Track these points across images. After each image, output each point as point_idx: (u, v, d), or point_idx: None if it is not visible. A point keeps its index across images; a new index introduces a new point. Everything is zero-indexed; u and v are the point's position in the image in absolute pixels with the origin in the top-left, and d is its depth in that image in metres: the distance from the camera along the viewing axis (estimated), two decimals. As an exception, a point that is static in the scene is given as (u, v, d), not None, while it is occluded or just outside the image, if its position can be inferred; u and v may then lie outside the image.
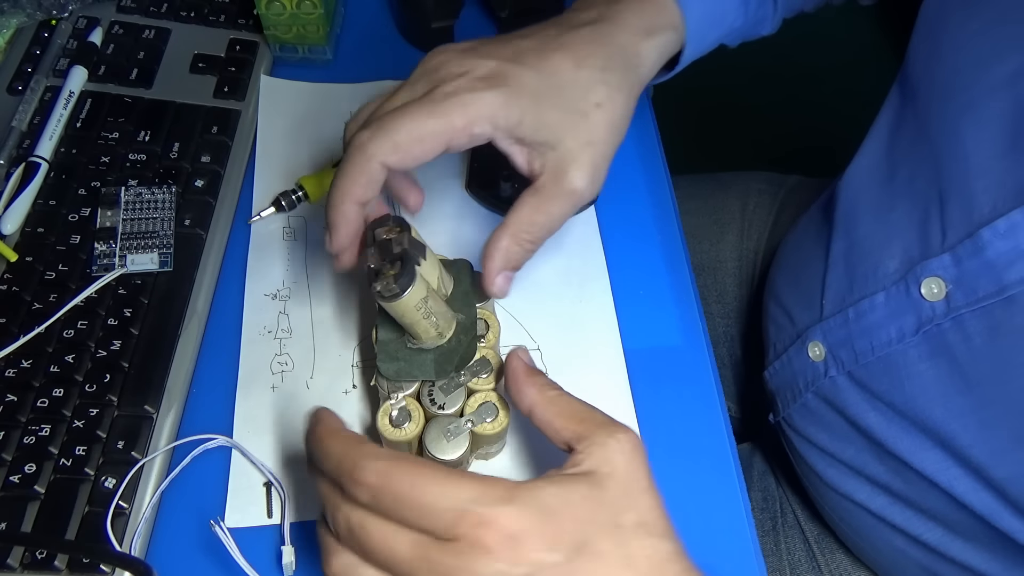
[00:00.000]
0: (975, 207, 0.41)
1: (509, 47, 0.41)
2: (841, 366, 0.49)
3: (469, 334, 0.42)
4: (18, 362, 0.47)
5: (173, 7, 0.63)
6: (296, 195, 0.55)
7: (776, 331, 0.57)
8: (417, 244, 0.39)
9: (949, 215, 0.42)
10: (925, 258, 0.43)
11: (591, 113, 0.40)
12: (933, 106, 0.44)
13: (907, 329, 0.44)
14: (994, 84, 0.40)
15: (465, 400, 0.43)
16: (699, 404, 0.50)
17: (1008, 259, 0.39)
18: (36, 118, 0.56)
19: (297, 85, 0.61)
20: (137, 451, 0.45)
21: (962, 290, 0.41)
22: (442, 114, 0.37)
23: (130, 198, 0.53)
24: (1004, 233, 0.39)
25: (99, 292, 0.50)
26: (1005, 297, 0.39)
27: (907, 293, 0.44)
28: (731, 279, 0.73)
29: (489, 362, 0.43)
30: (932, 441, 0.44)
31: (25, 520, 0.43)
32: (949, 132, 0.43)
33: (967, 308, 0.41)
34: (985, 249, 0.40)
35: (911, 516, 0.49)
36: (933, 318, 0.43)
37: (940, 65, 0.44)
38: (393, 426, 0.41)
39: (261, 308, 0.52)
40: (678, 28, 0.45)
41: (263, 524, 0.45)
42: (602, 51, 0.41)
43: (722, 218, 0.75)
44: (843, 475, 0.52)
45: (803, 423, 0.54)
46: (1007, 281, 0.39)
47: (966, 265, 0.41)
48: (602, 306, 0.53)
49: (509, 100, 0.38)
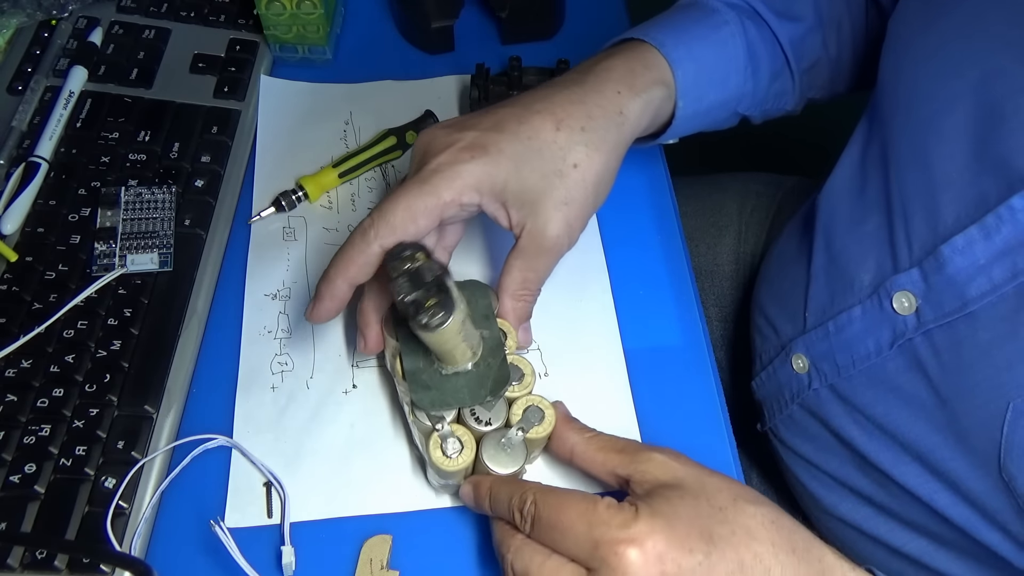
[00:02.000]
0: (939, 221, 0.41)
1: (490, 116, 0.42)
2: (824, 379, 0.49)
3: (498, 356, 0.42)
4: (18, 362, 0.47)
5: (173, 7, 0.63)
6: (296, 195, 0.55)
7: (762, 342, 0.57)
8: (447, 269, 0.39)
9: (915, 229, 0.42)
10: (895, 272, 0.43)
11: (568, 174, 0.42)
12: (897, 120, 0.45)
13: (883, 342, 0.44)
14: (953, 97, 0.40)
15: (508, 410, 0.43)
16: (699, 404, 0.50)
17: (967, 275, 0.39)
18: (36, 118, 0.56)
19: (297, 85, 0.61)
20: (137, 451, 0.45)
21: (930, 305, 0.41)
22: (431, 191, 0.40)
23: (130, 198, 0.53)
24: (962, 249, 0.39)
25: (99, 292, 0.50)
26: (967, 313, 0.39)
27: (880, 307, 0.44)
28: (728, 282, 0.73)
29: (519, 368, 0.43)
30: (911, 455, 0.44)
31: (25, 520, 0.43)
32: (914, 145, 0.43)
33: (935, 323, 0.41)
34: (946, 265, 0.40)
35: (894, 528, 0.49)
36: (906, 332, 0.43)
37: (902, 80, 0.45)
38: (447, 457, 0.41)
39: (261, 308, 0.52)
40: (668, 84, 0.46)
41: (263, 524, 0.45)
42: (582, 111, 0.43)
43: (720, 220, 0.75)
44: (827, 487, 0.52)
45: (789, 434, 0.54)
46: (968, 297, 0.39)
47: (932, 280, 0.41)
48: (602, 306, 0.53)
49: (490, 168, 0.40)
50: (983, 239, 0.38)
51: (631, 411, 0.49)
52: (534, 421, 0.42)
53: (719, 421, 0.49)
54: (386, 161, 0.58)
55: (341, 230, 0.55)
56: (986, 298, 0.38)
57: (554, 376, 0.50)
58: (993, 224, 0.38)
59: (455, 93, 0.62)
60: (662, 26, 0.48)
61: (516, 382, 0.43)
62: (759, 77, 0.51)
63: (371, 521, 0.45)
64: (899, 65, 0.45)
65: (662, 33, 0.47)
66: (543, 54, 0.63)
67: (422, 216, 0.40)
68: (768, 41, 0.51)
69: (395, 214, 0.40)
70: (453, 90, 0.62)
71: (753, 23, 0.50)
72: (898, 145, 0.44)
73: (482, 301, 0.43)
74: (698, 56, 0.47)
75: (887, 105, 0.46)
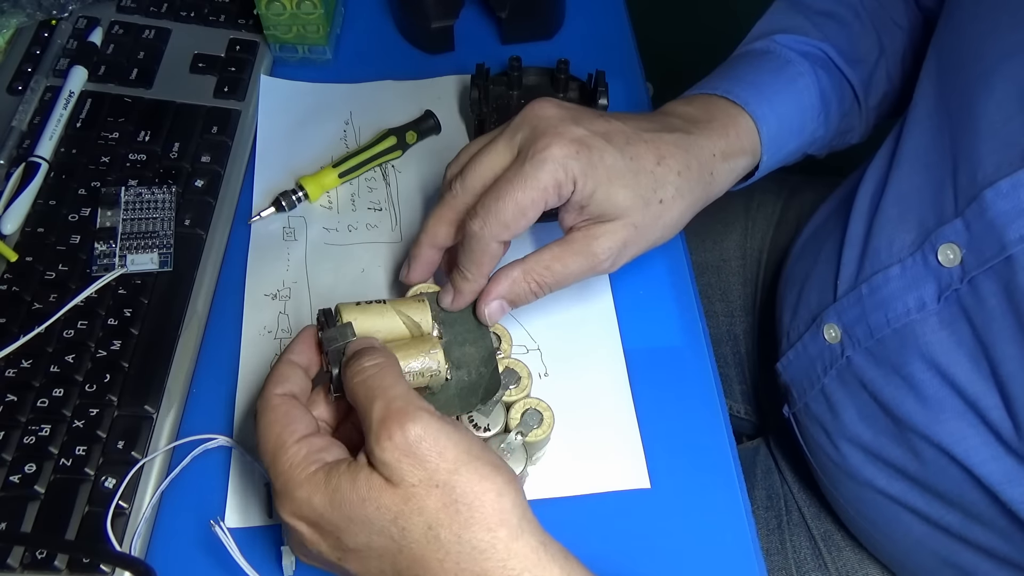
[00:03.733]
0: (980, 170, 0.41)
1: (600, 122, 0.43)
2: (857, 344, 0.49)
3: (489, 365, 0.42)
4: (18, 362, 0.47)
5: (173, 7, 0.63)
6: (296, 195, 0.55)
7: (791, 319, 0.57)
8: (338, 332, 0.39)
9: (960, 181, 0.43)
10: (940, 225, 0.44)
11: (652, 204, 0.43)
12: (949, 77, 0.45)
13: (927, 297, 0.45)
14: (1006, 51, 0.41)
15: (506, 414, 0.43)
16: (699, 404, 0.50)
17: (1008, 218, 0.39)
18: (36, 118, 0.56)
19: (297, 85, 0.61)
20: (137, 451, 0.45)
21: (973, 253, 0.42)
22: (535, 184, 0.40)
23: (130, 198, 0.53)
24: (1007, 193, 0.39)
25: (99, 292, 0.50)
26: (1005, 257, 0.40)
27: (925, 262, 0.45)
28: (735, 278, 0.73)
29: (515, 371, 0.43)
30: (950, 411, 0.44)
31: (25, 520, 0.43)
32: (964, 101, 0.43)
33: (978, 270, 0.41)
34: (988, 210, 0.40)
35: (930, 500, 0.49)
36: (951, 283, 0.43)
37: (957, 37, 0.45)
38: None
39: (261, 308, 0.52)
40: (755, 152, 0.48)
41: (263, 524, 0.45)
42: (683, 157, 0.44)
43: (726, 217, 0.75)
44: (862, 462, 0.52)
45: (820, 410, 0.54)
46: (1007, 240, 0.39)
47: (974, 228, 0.41)
48: (602, 306, 0.53)
49: (590, 171, 0.41)
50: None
51: (631, 411, 0.49)
52: (532, 424, 0.42)
53: (719, 421, 0.49)
54: (386, 161, 0.58)
55: (341, 230, 0.55)
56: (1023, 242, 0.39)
57: (554, 376, 0.50)
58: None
59: (455, 93, 0.62)
60: (744, 82, 0.49)
61: (513, 386, 0.43)
62: (830, 121, 0.53)
63: (371, 521, 0.45)
64: (954, 24, 0.46)
65: (746, 92, 0.48)
66: (543, 54, 0.63)
67: (531, 209, 0.41)
68: (838, 86, 0.53)
69: (505, 213, 0.40)
70: (453, 90, 0.62)
71: (825, 70, 0.52)
72: (950, 102, 0.45)
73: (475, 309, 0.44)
74: (779, 111, 0.49)
75: (942, 63, 0.47)
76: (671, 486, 0.47)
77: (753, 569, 0.45)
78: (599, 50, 0.64)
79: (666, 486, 0.47)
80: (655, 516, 0.46)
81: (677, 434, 0.48)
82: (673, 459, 0.48)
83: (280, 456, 0.35)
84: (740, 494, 0.47)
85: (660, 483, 0.47)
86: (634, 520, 0.46)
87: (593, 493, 0.46)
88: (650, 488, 0.47)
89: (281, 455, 0.35)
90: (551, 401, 0.43)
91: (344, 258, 0.54)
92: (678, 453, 0.48)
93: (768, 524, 0.63)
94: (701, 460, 0.48)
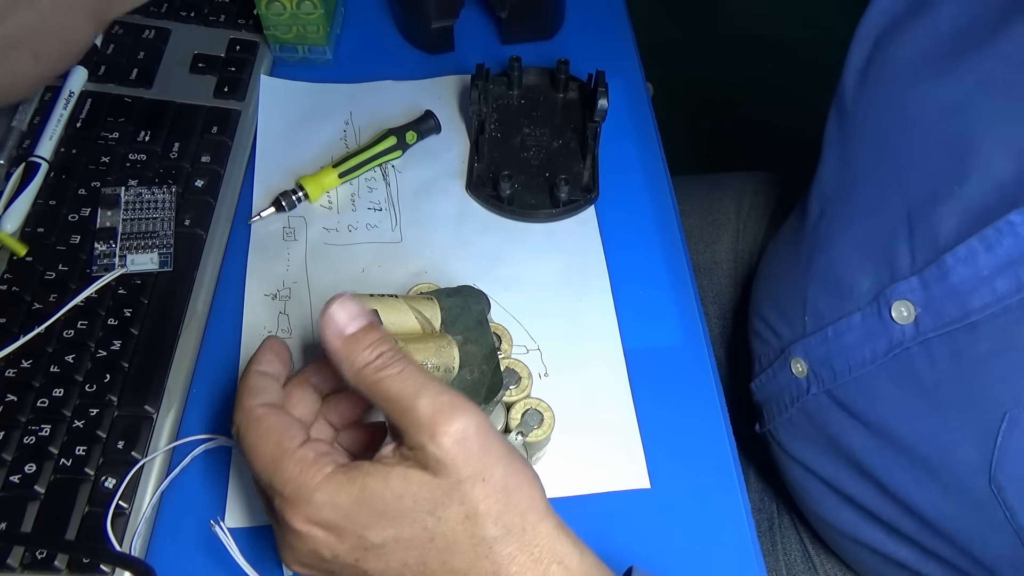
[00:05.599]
0: (940, 231, 0.41)
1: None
2: (822, 384, 0.49)
3: (491, 363, 0.42)
4: (18, 362, 0.47)
5: (173, 7, 0.63)
6: (296, 195, 0.55)
7: (761, 345, 0.57)
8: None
9: (917, 237, 0.42)
10: (894, 280, 0.43)
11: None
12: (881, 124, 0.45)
13: (879, 351, 0.44)
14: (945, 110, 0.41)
15: (507, 415, 0.42)
16: (699, 404, 0.50)
17: (971, 285, 0.39)
18: (36, 118, 0.56)
19: (297, 85, 0.61)
20: (137, 451, 0.45)
21: (930, 314, 0.41)
22: None
23: (130, 198, 0.53)
24: (964, 259, 0.39)
25: (99, 292, 0.50)
26: (969, 323, 0.39)
27: (879, 315, 0.44)
28: (727, 280, 0.73)
29: (515, 372, 0.43)
30: (908, 461, 0.44)
31: (25, 520, 0.43)
32: (909, 151, 0.43)
33: (934, 332, 0.41)
34: (949, 274, 0.40)
35: (886, 537, 0.49)
36: (903, 341, 0.43)
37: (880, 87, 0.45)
38: None
39: (261, 308, 0.52)
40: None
41: (263, 524, 0.45)
42: None
43: (718, 219, 0.75)
44: (823, 492, 0.53)
45: (787, 437, 0.54)
46: (971, 307, 0.39)
47: (933, 289, 0.41)
48: (602, 306, 0.53)
49: None
50: (985, 251, 0.38)
51: (631, 411, 0.49)
52: (533, 424, 0.42)
53: (719, 421, 0.49)
54: (386, 161, 0.58)
55: (341, 230, 0.55)
56: (989, 309, 0.38)
57: (554, 376, 0.50)
58: (993, 237, 0.38)
59: (455, 93, 0.62)
60: None
61: (513, 386, 0.43)
62: None
63: (371, 521, 0.45)
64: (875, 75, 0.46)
65: None
66: (543, 54, 0.63)
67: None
68: None
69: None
70: (453, 90, 0.62)
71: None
72: (891, 149, 0.45)
73: (475, 307, 0.43)
74: None
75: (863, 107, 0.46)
76: (671, 486, 0.47)
77: (753, 569, 0.45)
78: (599, 50, 0.64)
79: (666, 486, 0.47)
80: (655, 516, 0.46)
81: (677, 434, 0.48)
82: (673, 459, 0.48)
83: (285, 463, 0.34)
84: (740, 494, 0.47)
85: (660, 483, 0.47)
86: (634, 520, 0.46)
87: (593, 493, 0.46)
88: (650, 488, 0.47)
89: (286, 461, 0.34)
90: (551, 401, 0.43)
91: (344, 258, 0.54)
92: (678, 453, 0.48)
93: (760, 526, 0.64)
94: (701, 460, 0.48)
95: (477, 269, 0.53)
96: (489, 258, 0.54)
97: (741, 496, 0.47)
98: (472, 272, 0.53)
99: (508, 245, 0.55)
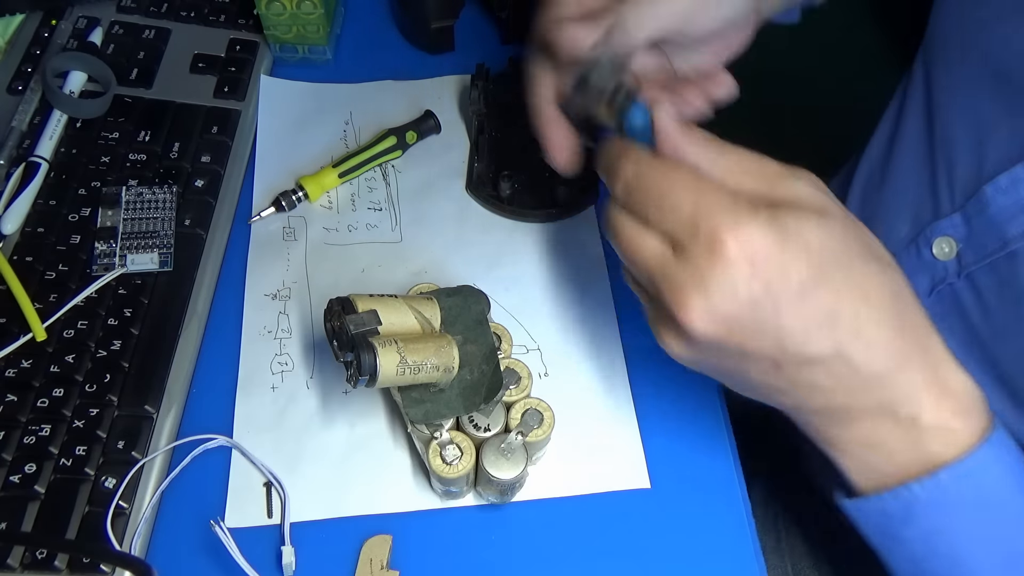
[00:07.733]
0: (982, 165, 0.41)
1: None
2: None
3: (491, 363, 0.42)
4: (18, 362, 0.47)
5: (173, 7, 0.63)
6: (296, 195, 0.55)
7: None
8: (364, 317, 0.38)
9: (958, 174, 0.43)
10: (936, 219, 0.44)
11: None
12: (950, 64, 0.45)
13: (920, 290, 0.44)
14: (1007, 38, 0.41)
15: (507, 414, 0.43)
16: (699, 404, 0.50)
17: (1010, 213, 0.39)
18: (36, 118, 0.56)
19: (297, 85, 0.61)
20: (137, 451, 0.45)
21: (972, 248, 0.42)
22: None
23: (130, 198, 0.53)
24: (1005, 188, 0.39)
25: (99, 292, 0.50)
26: (1007, 252, 0.39)
27: (919, 255, 0.44)
28: None
29: (515, 372, 0.43)
30: None
31: (25, 520, 0.43)
32: (965, 88, 0.43)
33: (975, 265, 0.41)
34: (988, 206, 0.40)
35: None
36: (946, 277, 0.43)
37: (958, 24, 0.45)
38: (447, 464, 0.41)
39: (261, 308, 0.52)
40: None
41: (263, 524, 0.45)
42: None
43: None
44: None
45: None
46: (1009, 236, 0.39)
47: (974, 223, 0.41)
48: (602, 306, 0.53)
49: None
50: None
51: (631, 411, 0.49)
52: (533, 424, 0.42)
53: (719, 421, 0.49)
54: (386, 161, 0.58)
55: (341, 230, 0.55)
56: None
57: (554, 376, 0.50)
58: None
59: (455, 93, 0.62)
60: None
61: (513, 386, 0.43)
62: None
63: (371, 521, 0.45)
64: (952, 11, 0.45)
65: None
66: (543, 54, 0.63)
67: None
68: None
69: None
70: (453, 90, 0.62)
71: None
72: (947, 90, 0.45)
73: (475, 307, 0.43)
74: None
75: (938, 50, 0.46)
76: (671, 486, 0.47)
77: (753, 569, 0.45)
78: (599, 50, 0.64)
79: (666, 486, 0.47)
80: (655, 516, 0.46)
81: (677, 434, 0.48)
82: (673, 459, 0.48)
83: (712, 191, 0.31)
84: (740, 494, 0.47)
85: (660, 483, 0.47)
86: (634, 520, 0.46)
87: (593, 493, 0.46)
88: (650, 488, 0.47)
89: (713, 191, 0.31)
90: (551, 401, 0.43)
91: (344, 258, 0.54)
92: (678, 453, 0.48)
93: (764, 524, 0.63)
94: (701, 460, 0.48)
95: (477, 269, 0.53)
96: (489, 258, 0.54)
97: (741, 496, 0.47)
98: (472, 272, 0.53)
99: (508, 245, 0.55)
